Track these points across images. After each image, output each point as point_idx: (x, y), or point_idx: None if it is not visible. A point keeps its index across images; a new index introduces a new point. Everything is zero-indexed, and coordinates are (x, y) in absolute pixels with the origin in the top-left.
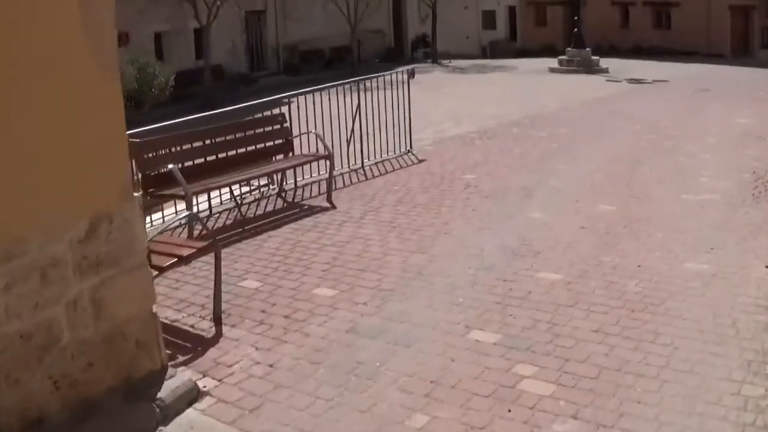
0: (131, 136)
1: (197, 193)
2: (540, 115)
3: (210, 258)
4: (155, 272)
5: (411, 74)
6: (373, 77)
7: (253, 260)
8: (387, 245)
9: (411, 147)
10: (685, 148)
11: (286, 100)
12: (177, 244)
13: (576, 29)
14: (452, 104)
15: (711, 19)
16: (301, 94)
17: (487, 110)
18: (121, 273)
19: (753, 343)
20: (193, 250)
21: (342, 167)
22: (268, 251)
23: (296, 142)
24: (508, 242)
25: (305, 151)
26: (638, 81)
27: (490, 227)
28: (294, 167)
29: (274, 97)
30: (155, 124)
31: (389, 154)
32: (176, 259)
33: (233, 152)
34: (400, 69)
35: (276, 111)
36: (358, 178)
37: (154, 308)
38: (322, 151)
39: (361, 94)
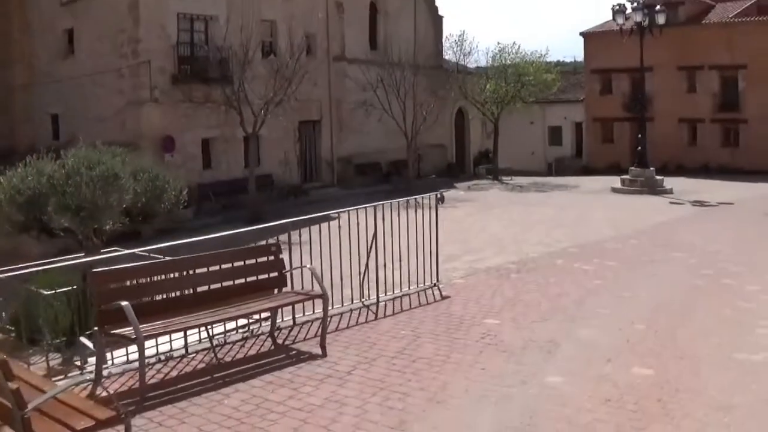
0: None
1: (158, 335)
2: (590, 244)
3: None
4: None
5: (440, 199)
6: (402, 200)
7: (202, 423)
8: (363, 415)
9: (438, 280)
10: (745, 289)
11: (336, 215)
12: (79, 409)
13: (640, 147)
14: (500, 227)
15: None
16: (333, 214)
17: (536, 236)
18: None
19: None
20: (91, 423)
21: (353, 301)
22: (224, 412)
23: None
24: (509, 420)
25: (309, 284)
26: (702, 203)
27: (494, 396)
28: (281, 307)
29: (313, 215)
30: (163, 242)
31: (412, 287)
32: None
33: (217, 285)
34: (429, 193)
35: (273, 240)
36: (367, 318)
37: None
38: (325, 284)
39: (394, 214)
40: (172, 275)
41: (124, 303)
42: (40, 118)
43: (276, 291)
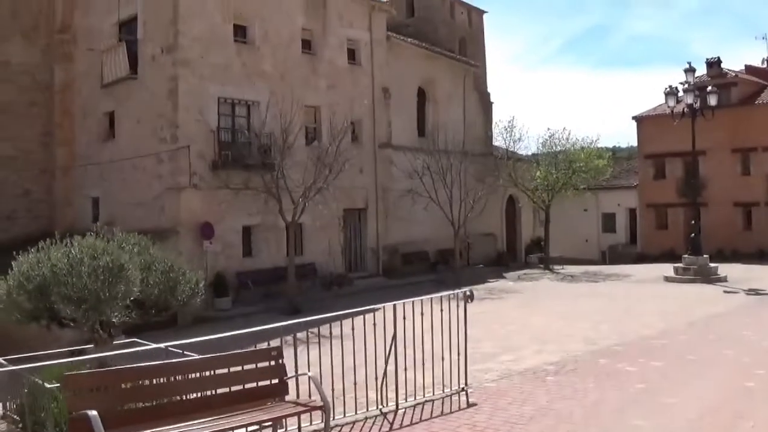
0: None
1: None
2: (637, 341)
3: None
4: None
5: (469, 297)
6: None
7: None
8: None
9: (467, 383)
10: None
11: (380, 307)
12: None
13: (693, 234)
14: (545, 321)
15: None
16: (368, 311)
17: (581, 331)
18: None
19: None
20: None
21: (370, 408)
22: None
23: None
24: None
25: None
26: (757, 292)
27: None
28: (276, 420)
29: (342, 312)
30: (199, 331)
31: (437, 391)
32: None
33: (208, 393)
34: (455, 291)
35: (275, 342)
36: (381, 429)
37: None
38: (346, 386)
39: (425, 308)
40: (158, 380)
41: (92, 413)
42: (81, 200)
43: (276, 399)
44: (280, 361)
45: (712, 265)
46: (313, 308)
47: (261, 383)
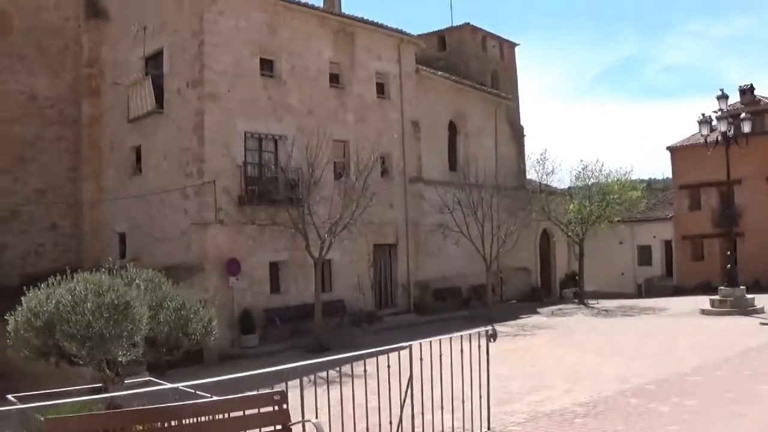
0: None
1: None
2: (671, 378)
3: None
4: None
5: (491, 337)
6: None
7: None
8: None
9: (489, 427)
10: None
11: (404, 345)
12: None
13: (729, 266)
14: (577, 359)
15: None
16: (390, 350)
17: (613, 368)
18: None
19: None
20: None
21: None
22: None
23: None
24: None
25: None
26: None
27: None
28: None
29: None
30: (226, 368)
31: None
32: None
33: None
34: (478, 329)
35: (280, 387)
36: None
37: None
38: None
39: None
40: (152, 425)
41: None
42: (108, 235)
43: None
44: (284, 406)
45: (749, 296)
46: (340, 346)
47: (264, 430)
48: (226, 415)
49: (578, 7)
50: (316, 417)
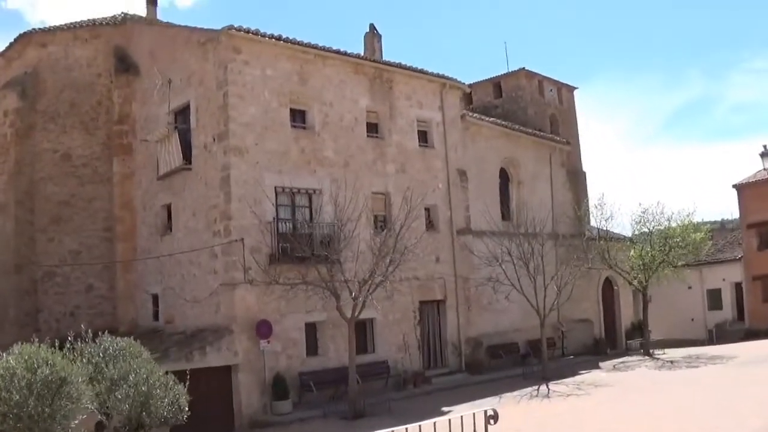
0: None
1: None
2: None
3: None
4: None
5: (491, 419)
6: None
7: None
8: None
9: None
10: None
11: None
12: None
13: None
14: (624, 425)
15: None
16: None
17: None
18: None
19: None
20: None
21: None
22: None
23: None
24: None
25: None
26: None
27: None
28: None
29: None
30: None
31: None
32: None
33: None
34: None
35: None
36: None
37: None
38: None
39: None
40: None
41: None
42: (142, 297)
43: None
44: None
45: None
46: (377, 412)
47: None
48: None
49: (644, 51)
50: None
